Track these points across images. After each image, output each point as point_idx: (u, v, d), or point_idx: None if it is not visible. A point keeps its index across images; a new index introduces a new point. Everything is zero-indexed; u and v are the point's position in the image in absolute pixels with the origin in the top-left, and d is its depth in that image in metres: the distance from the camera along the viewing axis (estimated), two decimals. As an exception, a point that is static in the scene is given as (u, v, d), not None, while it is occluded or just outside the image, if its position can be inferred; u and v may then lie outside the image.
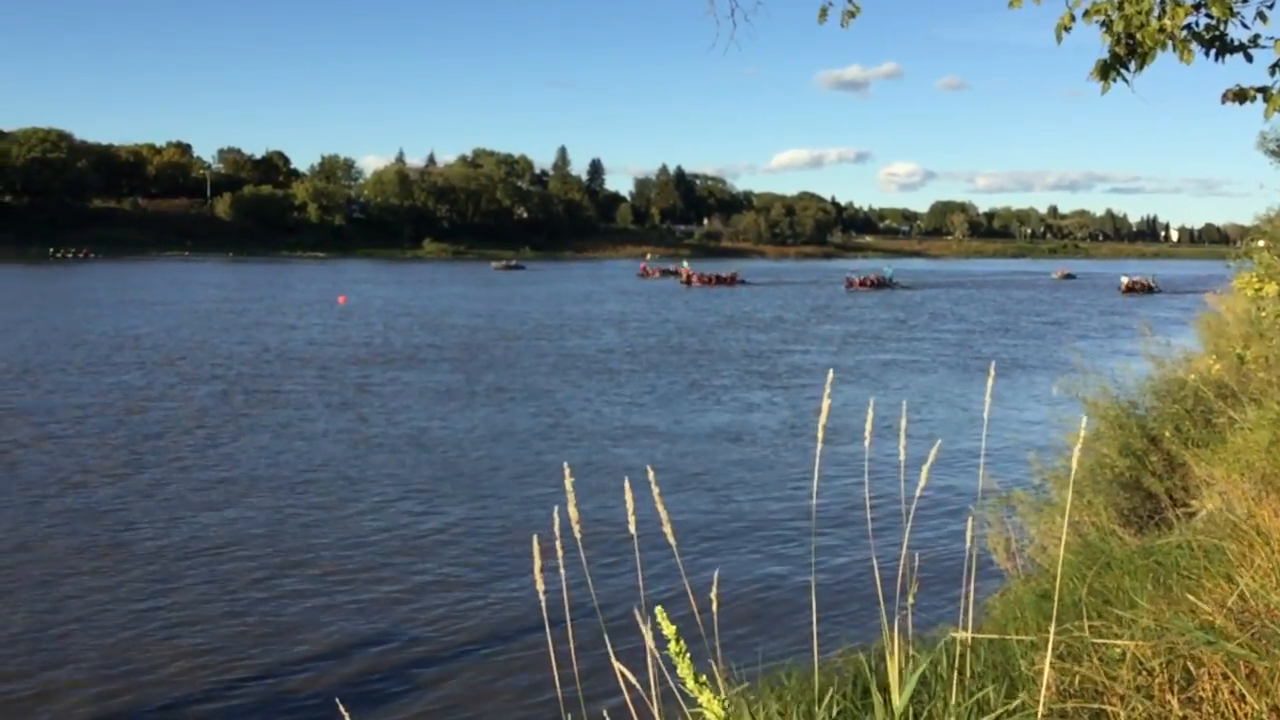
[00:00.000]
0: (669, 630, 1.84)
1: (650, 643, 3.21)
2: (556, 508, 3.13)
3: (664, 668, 3.31)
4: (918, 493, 3.37)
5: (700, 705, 1.74)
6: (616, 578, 11.00)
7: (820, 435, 3.43)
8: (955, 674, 3.18)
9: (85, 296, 60.50)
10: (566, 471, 2.86)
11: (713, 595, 3.25)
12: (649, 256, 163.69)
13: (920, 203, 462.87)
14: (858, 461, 18.05)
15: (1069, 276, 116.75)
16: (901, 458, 3.24)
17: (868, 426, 3.23)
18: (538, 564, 3.18)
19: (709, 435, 21.25)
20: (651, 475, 3.01)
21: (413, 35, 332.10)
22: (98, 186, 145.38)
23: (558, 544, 3.09)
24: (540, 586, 3.20)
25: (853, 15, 6.33)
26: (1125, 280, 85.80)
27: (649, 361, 33.40)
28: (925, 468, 3.21)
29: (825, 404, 3.41)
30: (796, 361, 34.19)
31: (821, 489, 16.45)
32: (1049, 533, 8.32)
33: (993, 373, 3.45)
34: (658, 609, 1.92)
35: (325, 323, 46.00)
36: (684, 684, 1.80)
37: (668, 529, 3.19)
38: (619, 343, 39.49)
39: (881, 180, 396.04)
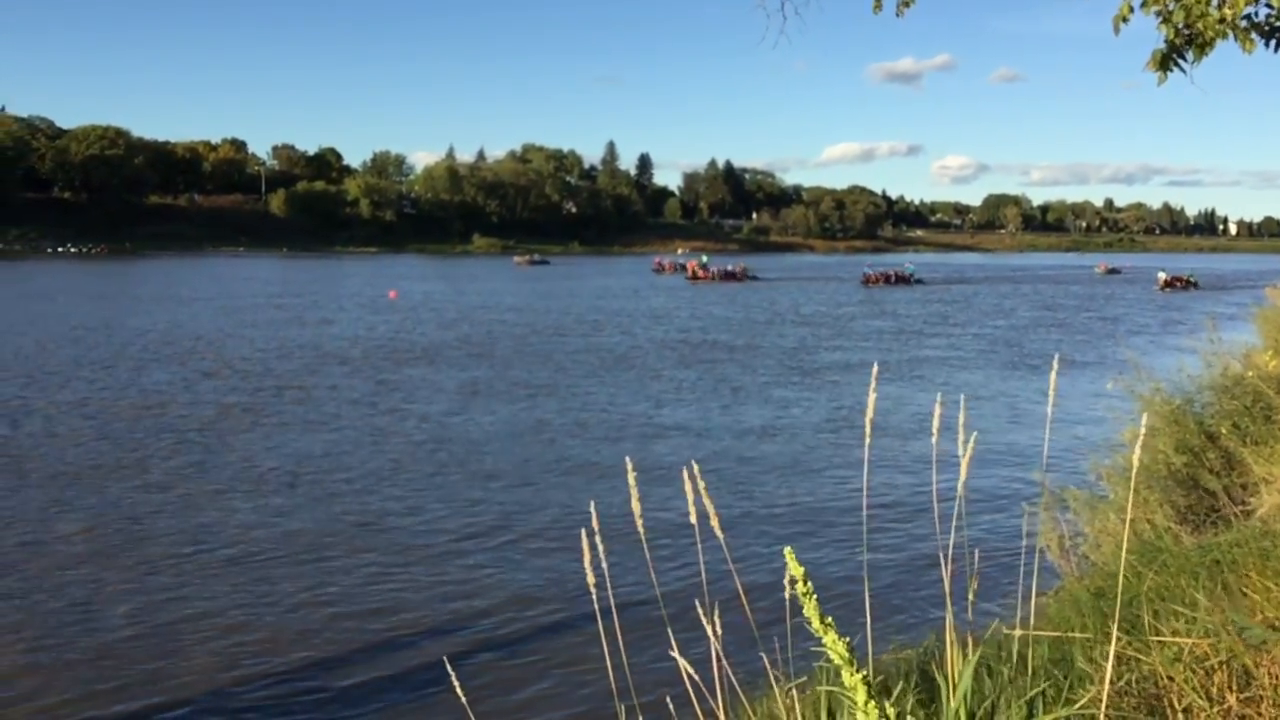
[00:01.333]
0: (797, 570, 1.83)
1: (712, 632, 3.24)
2: (592, 502, 3.17)
3: (722, 658, 3.34)
4: (960, 489, 3.36)
5: (825, 645, 1.73)
6: (665, 570, 11.04)
7: (868, 429, 3.45)
8: (1009, 670, 3.18)
9: (159, 293, 61.56)
10: (629, 465, 2.88)
11: (795, 582, 3.27)
12: (680, 251, 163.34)
13: (973, 196, 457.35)
14: (897, 459, 17.97)
15: (1113, 271, 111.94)
16: (965, 456, 3.23)
17: (935, 422, 3.22)
18: (587, 556, 3.22)
19: (727, 433, 21.19)
20: (697, 469, 3.04)
21: (464, 31, 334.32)
22: (154, 183, 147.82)
23: (596, 539, 3.13)
24: (590, 579, 3.24)
25: (907, 5, 6.30)
26: (1163, 276, 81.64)
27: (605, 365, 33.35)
28: (964, 461, 3.21)
29: (871, 398, 3.43)
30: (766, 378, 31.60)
31: (859, 486, 16.37)
32: (1104, 530, 8.23)
33: (1054, 367, 3.42)
34: (786, 550, 1.91)
35: (372, 319, 46.46)
36: (809, 624, 1.78)
37: (715, 524, 3.22)
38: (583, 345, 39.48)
39: (934, 173, 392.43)
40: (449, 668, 3.21)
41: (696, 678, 3.08)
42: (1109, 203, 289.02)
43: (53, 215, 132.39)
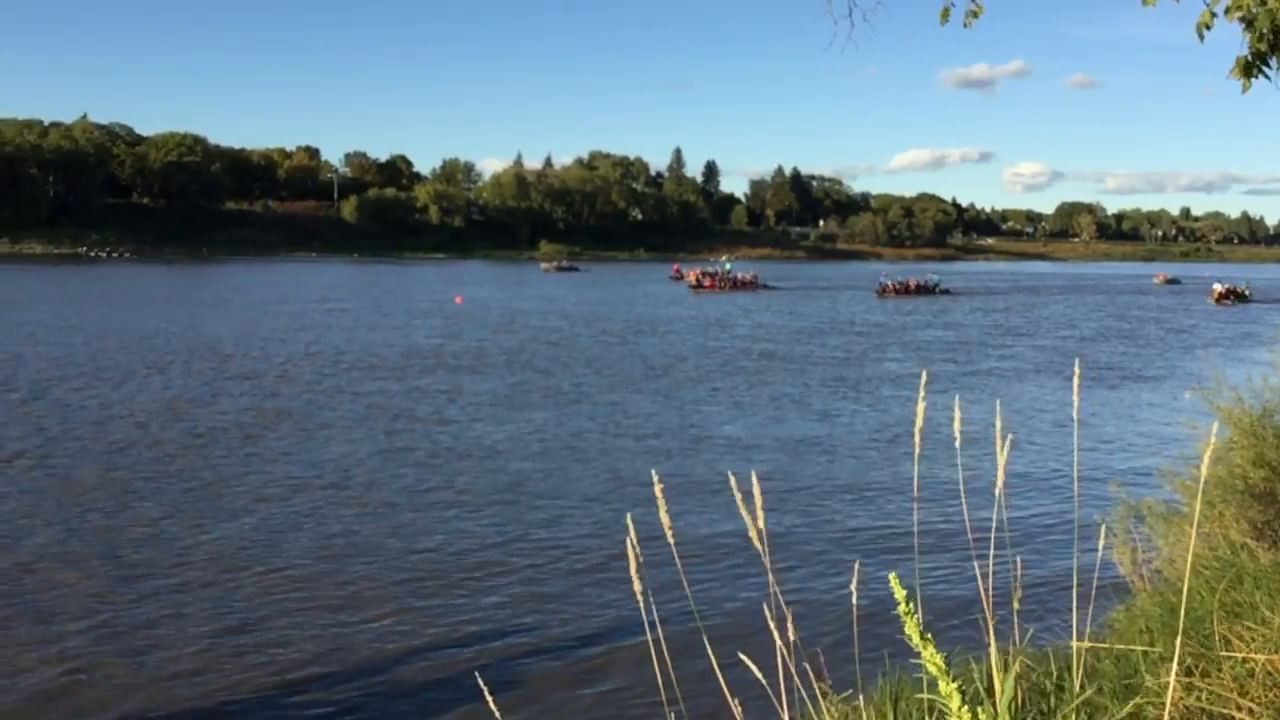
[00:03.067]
0: (900, 593, 1.96)
1: (780, 642, 3.24)
2: (629, 516, 3.18)
3: (786, 667, 3.33)
4: (999, 495, 3.33)
5: (923, 659, 1.88)
6: (711, 586, 11.01)
7: (917, 439, 3.42)
8: (1073, 684, 3.13)
9: (228, 298, 62.83)
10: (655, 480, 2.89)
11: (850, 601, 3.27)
12: (724, 258, 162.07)
13: (1046, 204, 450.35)
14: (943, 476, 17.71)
15: (1172, 281, 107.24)
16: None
17: (998, 427, 3.19)
18: (634, 566, 3.23)
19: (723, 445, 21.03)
20: (733, 482, 3.03)
21: (533, 39, 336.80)
22: (231, 189, 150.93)
23: (632, 552, 3.13)
24: (638, 587, 3.25)
25: (975, 15, 6.23)
26: (1217, 289, 77.36)
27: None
28: (1000, 465, 3.17)
29: (920, 407, 3.41)
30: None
31: (918, 500, 16.18)
32: (1177, 544, 8.05)
33: (1076, 374, 3.36)
34: (892, 576, 2.03)
35: (432, 325, 46.91)
36: (910, 640, 1.91)
37: (753, 534, 3.21)
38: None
39: (1006, 181, 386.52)
40: (484, 679, 3.23)
41: (766, 684, 3.08)
42: (1185, 211, 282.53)
43: (132, 220, 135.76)
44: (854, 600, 3.36)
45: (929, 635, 1.92)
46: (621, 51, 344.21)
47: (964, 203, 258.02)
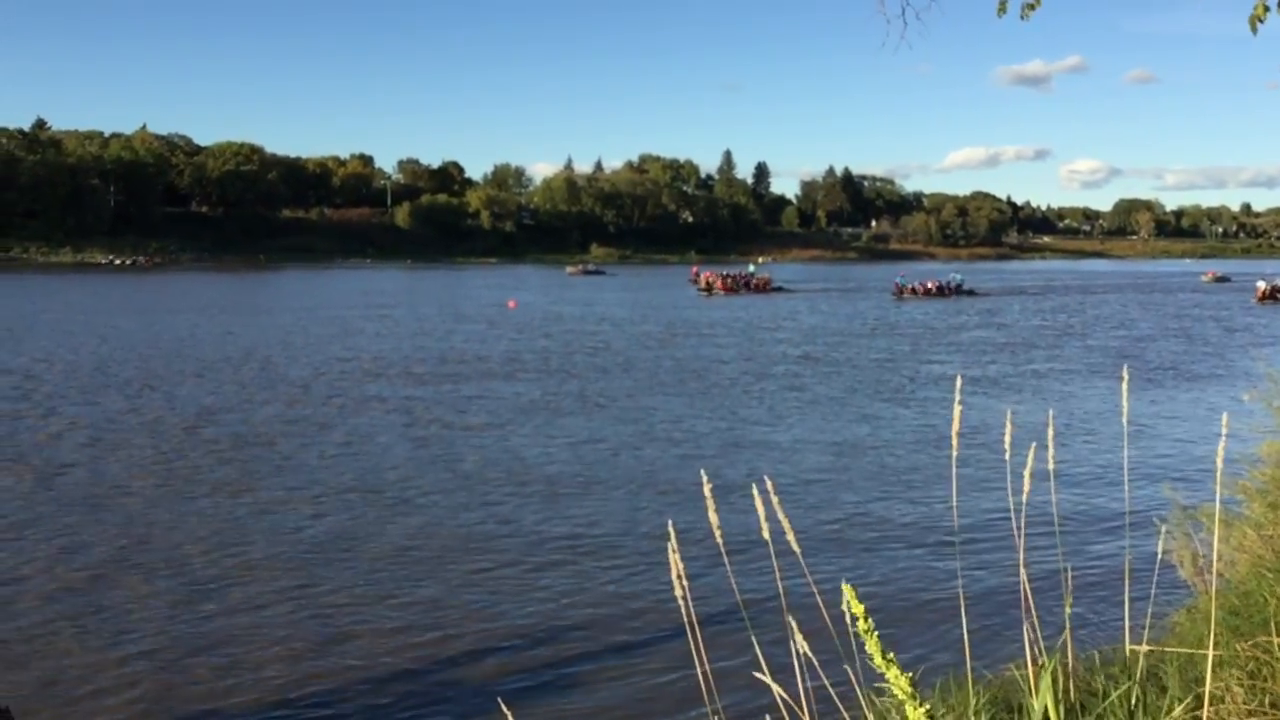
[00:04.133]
0: (858, 609, 1.90)
1: (800, 646, 3.24)
2: (671, 519, 3.20)
3: (808, 669, 3.33)
4: (1024, 497, 3.31)
5: (888, 681, 1.81)
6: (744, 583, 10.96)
7: (954, 441, 3.41)
8: (1132, 687, 3.10)
9: (281, 304, 63.70)
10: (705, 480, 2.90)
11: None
12: (760, 260, 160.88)
13: (1103, 201, 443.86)
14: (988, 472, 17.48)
15: (1221, 280, 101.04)
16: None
17: (1050, 433, 3.17)
18: (675, 565, 3.25)
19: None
20: (770, 485, 3.04)
21: (583, 43, 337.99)
22: (287, 197, 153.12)
23: (673, 552, 3.15)
24: (679, 590, 3.27)
25: (1032, 8, 6.17)
26: (1262, 286, 71.54)
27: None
28: (1026, 472, 3.14)
29: (956, 410, 3.40)
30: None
31: (965, 503, 16.02)
32: (1240, 546, 7.91)
33: (1124, 379, 3.33)
34: (845, 586, 1.98)
35: (486, 329, 47.17)
36: (871, 659, 1.84)
37: (791, 538, 3.21)
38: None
39: (1063, 178, 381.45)
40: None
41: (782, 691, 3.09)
42: (1246, 207, 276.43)
43: (191, 229, 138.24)
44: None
45: (891, 656, 1.84)
46: (671, 54, 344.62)
47: (1019, 201, 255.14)
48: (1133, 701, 3.02)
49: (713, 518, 3.10)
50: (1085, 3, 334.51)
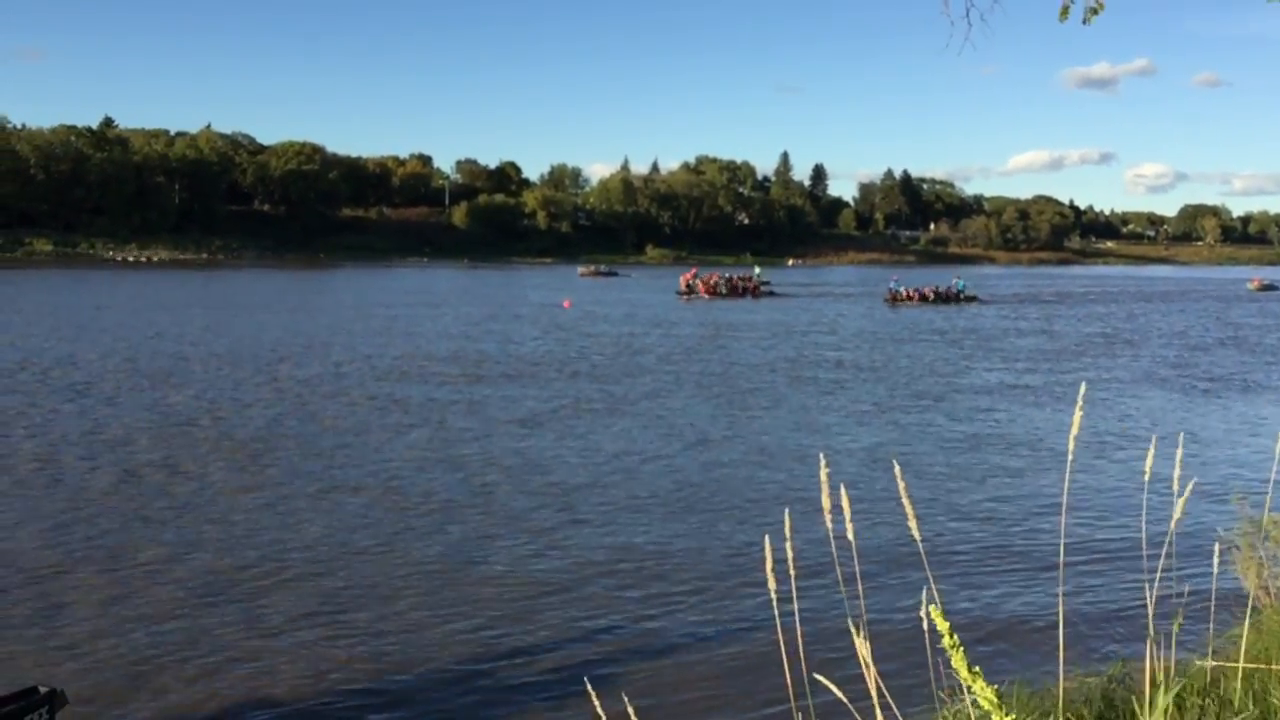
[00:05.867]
0: (943, 626, 1.96)
1: (865, 654, 3.13)
2: (764, 532, 3.08)
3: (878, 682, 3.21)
4: (1173, 525, 3.17)
5: (974, 692, 1.85)
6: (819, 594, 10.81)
7: (1071, 447, 3.27)
8: (1202, 702, 2.95)
9: (340, 302, 64.41)
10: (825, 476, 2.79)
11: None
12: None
13: (1169, 206, 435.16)
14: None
15: (1269, 288, 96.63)
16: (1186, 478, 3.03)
17: (1180, 451, 3.03)
18: (769, 564, 3.17)
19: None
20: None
21: (641, 44, 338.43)
22: (347, 196, 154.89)
23: (772, 565, 3.04)
24: (771, 585, 3.19)
25: (1095, 12, 5.99)
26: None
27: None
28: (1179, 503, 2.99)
29: (1076, 416, 3.27)
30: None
31: (1035, 516, 15.70)
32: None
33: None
34: (932, 608, 2.00)
35: (539, 330, 47.28)
36: (957, 674, 1.87)
37: (914, 526, 3.08)
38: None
39: (1128, 182, 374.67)
40: (597, 679, 3.19)
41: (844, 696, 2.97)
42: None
43: (253, 227, 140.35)
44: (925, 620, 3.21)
45: (977, 669, 1.87)
46: (730, 55, 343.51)
47: (1082, 205, 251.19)
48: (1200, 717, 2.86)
49: (782, 529, 2.99)
50: (1153, 5, 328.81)
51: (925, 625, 2.52)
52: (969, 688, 1.83)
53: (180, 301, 58.81)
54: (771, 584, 3.26)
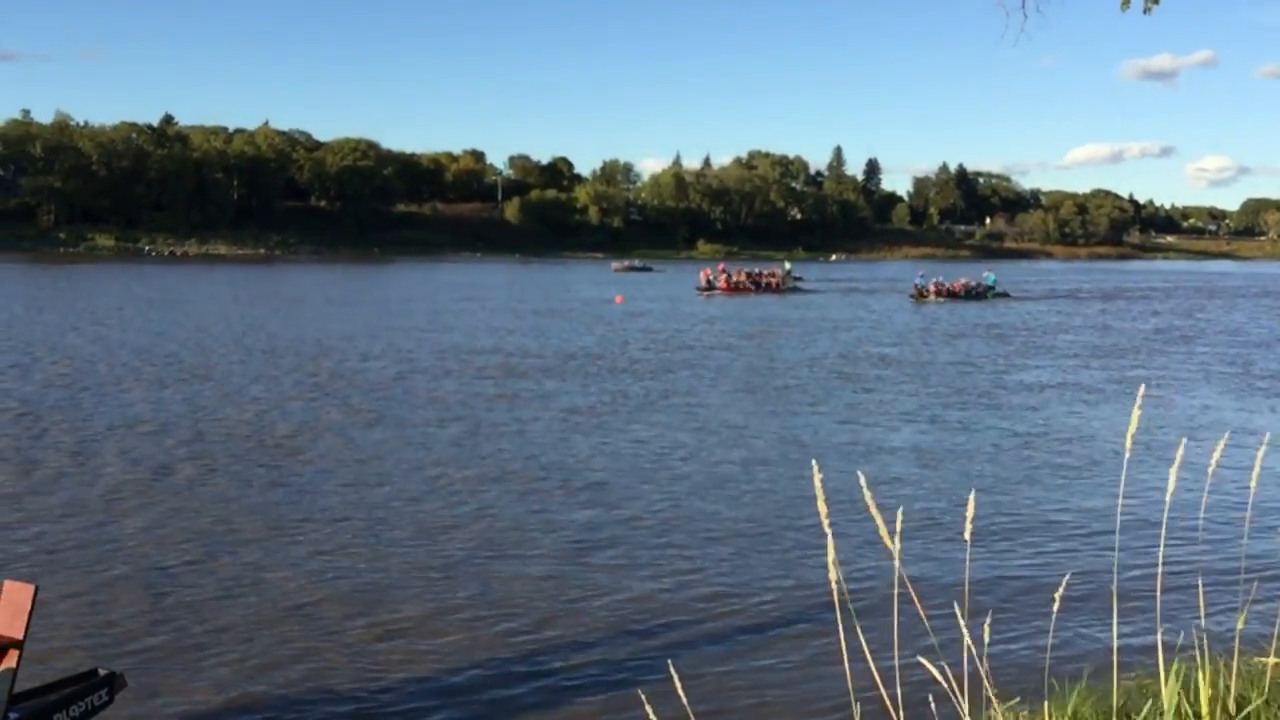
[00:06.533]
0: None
1: (967, 637, 3.09)
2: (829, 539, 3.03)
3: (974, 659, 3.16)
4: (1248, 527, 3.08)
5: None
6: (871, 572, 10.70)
7: (1128, 444, 3.22)
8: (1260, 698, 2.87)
9: (395, 296, 64.99)
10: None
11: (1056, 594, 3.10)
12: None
13: (1231, 200, 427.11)
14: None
15: None
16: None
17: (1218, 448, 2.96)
18: (831, 554, 3.15)
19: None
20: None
21: (693, 38, 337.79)
22: (401, 192, 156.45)
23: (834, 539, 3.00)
24: (833, 574, 3.16)
25: (1156, 2, 5.90)
26: None
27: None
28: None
29: (1135, 414, 3.23)
30: None
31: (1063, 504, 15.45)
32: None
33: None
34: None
35: (589, 326, 47.32)
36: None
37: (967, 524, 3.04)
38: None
39: (1189, 176, 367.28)
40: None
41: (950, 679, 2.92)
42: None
43: (310, 222, 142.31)
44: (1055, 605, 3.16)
45: None
46: (783, 49, 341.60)
47: (1142, 199, 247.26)
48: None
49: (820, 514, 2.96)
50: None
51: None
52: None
53: (238, 296, 59.70)
54: (834, 574, 3.23)
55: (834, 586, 3.11)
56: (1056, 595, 3.93)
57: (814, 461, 3.46)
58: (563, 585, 11.70)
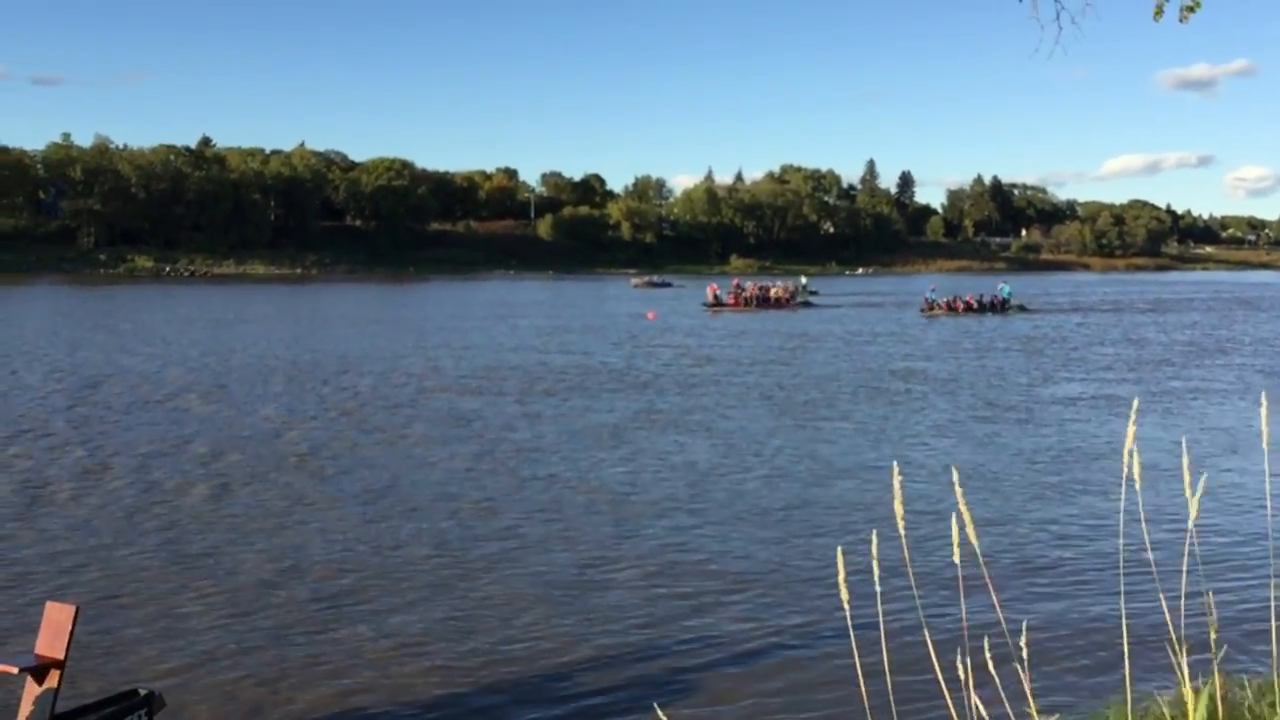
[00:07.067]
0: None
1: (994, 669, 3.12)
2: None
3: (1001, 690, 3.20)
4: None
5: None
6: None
7: (1125, 462, 3.24)
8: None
9: (430, 313, 65.37)
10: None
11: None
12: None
13: (1270, 210, 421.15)
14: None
15: None
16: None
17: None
18: (842, 574, 3.20)
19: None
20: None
21: (724, 55, 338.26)
22: (435, 210, 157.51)
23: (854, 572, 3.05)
24: (844, 594, 3.21)
25: (1192, 10, 5.90)
26: None
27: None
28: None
29: (1130, 430, 3.23)
30: None
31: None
32: None
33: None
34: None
35: (619, 342, 47.38)
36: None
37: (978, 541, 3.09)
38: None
39: (1228, 186, 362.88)
40: (677, 683, 3.24)
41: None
42: None
43: (345, 242, 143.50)
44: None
45: None
46: (814, 63, 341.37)
47: (1180, 210, 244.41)
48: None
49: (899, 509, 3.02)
50: (1253, 3, 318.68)
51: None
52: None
53: (279, 315, 60.34)
54: (845, 596, 3.27)
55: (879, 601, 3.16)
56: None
57: (894, 463, 3.52)
58: (590, 604, 11.76)
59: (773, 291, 73.49)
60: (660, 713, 3.44)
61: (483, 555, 13.55)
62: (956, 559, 3.26)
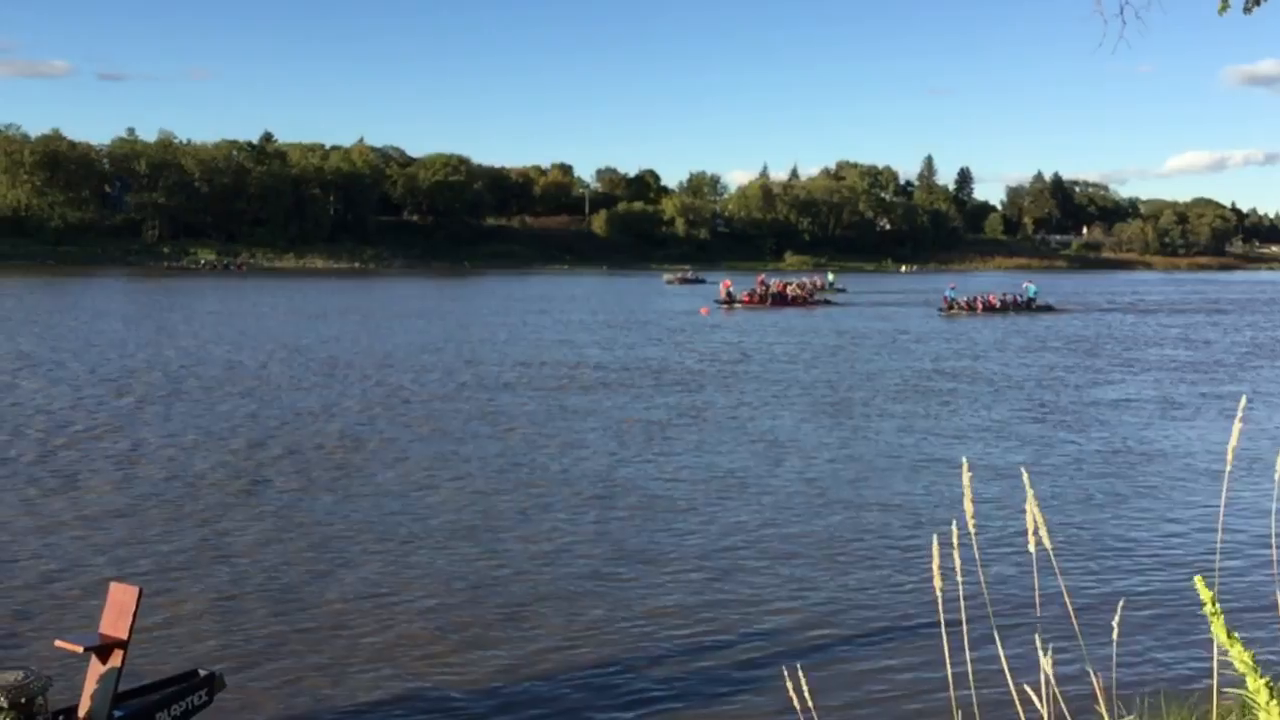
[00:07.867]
0: (1206, 595, 2.02)
1: (1046, 667, 3.20)
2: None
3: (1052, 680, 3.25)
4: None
5: (1231, 656, 1.94)
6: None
7: (1229, 456, 3.29)
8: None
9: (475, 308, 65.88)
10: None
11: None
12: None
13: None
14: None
15: None
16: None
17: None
18: (936, 561, 3.28)
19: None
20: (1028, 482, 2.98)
21: (782, 50, 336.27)
22: (491, 205, 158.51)
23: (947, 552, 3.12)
24: (937, 582, 3.29)
25: (1258, 2, 5.84)
26: None
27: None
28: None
29: (1236, 426, 3.29)
30: None
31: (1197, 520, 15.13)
32: None
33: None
34: (1197, 578, 2.07)
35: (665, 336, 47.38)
36: (1217, 638, 1.96)
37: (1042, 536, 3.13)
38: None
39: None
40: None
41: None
42: None
43: (403, 236, 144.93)
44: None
45: (1235, 634, 1.96)
46: (871, 59, 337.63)
47: (1245, 208, 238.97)
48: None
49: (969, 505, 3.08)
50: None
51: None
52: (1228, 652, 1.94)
53: (341, 309, 61.15)
54: (937, 583, 3.33)
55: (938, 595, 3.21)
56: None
57: (964, 459, 3.57)
58: (634, 600, 11.88)
59: (789, 289, 72.02)
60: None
61: (533, 550, 13.72)
62: (1032, 547, 3.30)
